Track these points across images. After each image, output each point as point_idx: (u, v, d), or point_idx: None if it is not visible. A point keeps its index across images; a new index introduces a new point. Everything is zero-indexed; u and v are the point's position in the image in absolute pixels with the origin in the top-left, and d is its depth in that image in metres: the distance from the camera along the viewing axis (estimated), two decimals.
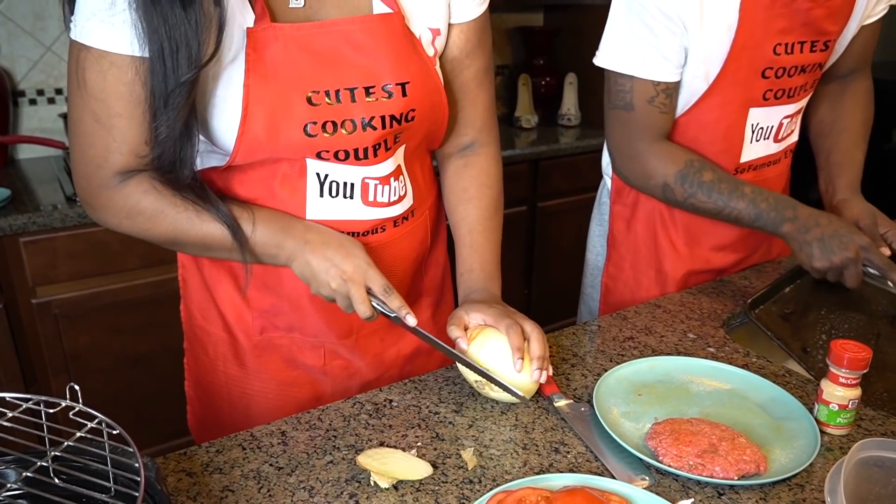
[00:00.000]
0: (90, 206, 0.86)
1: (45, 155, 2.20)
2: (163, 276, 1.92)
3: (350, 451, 0.81)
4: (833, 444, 0.84)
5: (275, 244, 0.86)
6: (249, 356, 1.01)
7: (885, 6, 1.23)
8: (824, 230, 1.07)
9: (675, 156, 1.14)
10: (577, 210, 2.60)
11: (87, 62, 0.75)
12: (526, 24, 3.04)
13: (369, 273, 0.85)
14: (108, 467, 0.60)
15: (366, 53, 0.83)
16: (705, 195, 1.13)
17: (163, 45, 0.73)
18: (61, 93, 2.21)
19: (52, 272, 1.80)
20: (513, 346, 0.87)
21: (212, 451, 0.81)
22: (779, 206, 1.10)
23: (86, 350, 1.90)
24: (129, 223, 0.85)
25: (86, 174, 0.83)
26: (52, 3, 2.12)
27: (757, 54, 1.10)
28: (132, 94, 0.77)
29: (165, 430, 1.94)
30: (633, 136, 1.15)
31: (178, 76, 0.74)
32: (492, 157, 1.06)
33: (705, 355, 1.03)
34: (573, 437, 0.84)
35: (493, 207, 1.04)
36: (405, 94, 0.86)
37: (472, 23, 0.95)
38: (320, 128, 0.83)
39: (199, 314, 1.03)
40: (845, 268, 1.06)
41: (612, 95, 1.15)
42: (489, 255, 1.02)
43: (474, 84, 1.00)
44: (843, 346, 0.83)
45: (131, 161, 0.81)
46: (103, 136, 0.79)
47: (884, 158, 3.29)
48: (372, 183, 0.90)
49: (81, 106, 0.78)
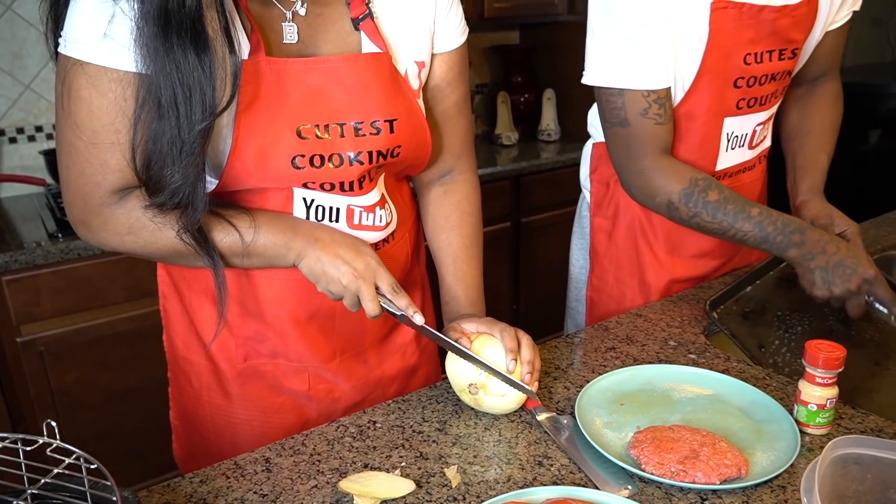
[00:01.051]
0: (87, 227, 0.84)
1: (27, 193, 2.20)
2: (147, 308, 1.92)
3: (334, 475, 0.81)
4: (814, 444, 0.85)
5: (283, 243, 0.86)
6: (233, 384, 1.01)
7: (847, 12, 1.26)
8: (829, 259, 1.05)
9: (680, 173, 1.13)
10: (560, 224, 2.61)
11: (82, 78, 0.74)
12: (502, 43, 3.08)
13: (379, 271, 0.87)
14: (87, 503, 0.60)
15: (355, 90, 0.86)
16: (710, 215, 1.11)
17: (175, 91, 0.72)
18: (41, 130, 2.22)
19: (36, 309, 1.79)
20: (506, 347, 0.89)
21: (195, 482, 0.81)
22: (786, 229, 1.08)
23: (73, 386, 1.89)
24: (131, 239, 0.84)
25: (83, 194, 0.81)
26: (31, 43, 2.13)
27: (728, 65, 1.12)
28: (130, 110, 0.76)
29: (156, 464, 1.92)
30: (633, 153, 1.14)
31: (191, 123, 0.73)
32: (471, 184, 1.08)
33: (686, 362, 1.04)
34: (556, 450, 0.84)
35: (475, 235, 1.07)
36: (392, 130, 0.89)
37: (453, 52, 0.98)
38: (308, 161, 0.85)
39: (181, 344, 1.03)
40: (846, 299, 1.05)
41: (607, 113, 1.15)
42: (472, 281, 1.05)
43: (455, 111, 1.02)
44: (817, 347, 0.85)
45: (130, 176, 0.80)
46: (100, 153, 0.78)
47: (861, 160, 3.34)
48: (357, 210, 0.92)
49: (77, 123, 0.77)
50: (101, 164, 0.79)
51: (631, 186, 1.19)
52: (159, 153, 0.75)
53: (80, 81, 0.75)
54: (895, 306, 1.05)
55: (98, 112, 0.76)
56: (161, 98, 0.72)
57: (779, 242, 1.08)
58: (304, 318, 0.96)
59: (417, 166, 1.00)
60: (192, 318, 1.00)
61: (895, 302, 1.05)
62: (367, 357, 1.05)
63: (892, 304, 1.05)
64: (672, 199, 1.13)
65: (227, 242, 0.85)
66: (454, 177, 1.08)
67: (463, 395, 0.92)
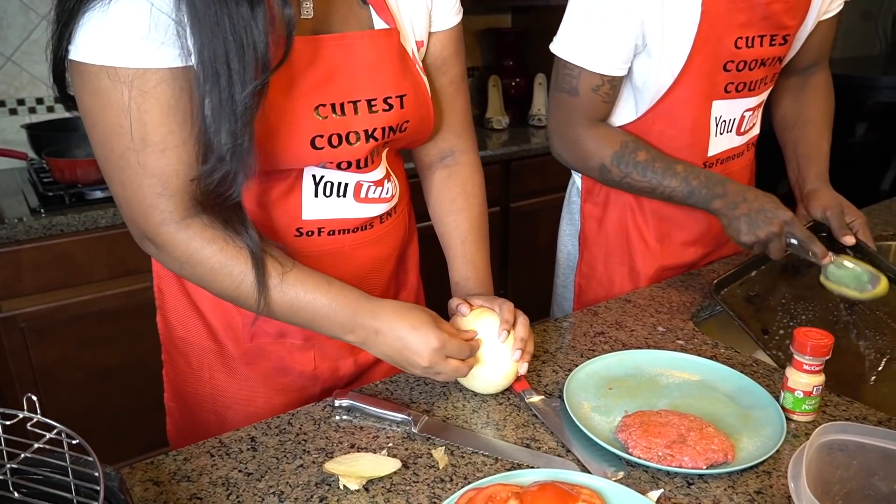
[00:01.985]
0: (152, 243, 0.80)
1: (9, 167, 2.15)
2: (131, 286, 1.89)
3: (321, 455, 0.80)
4: (799, 431, 0.85)
5: (346, 330, 0.84)
6: (239, 363, 0.99)
7: (840, 1, 1.26)
8: (751, 206, 1.10)
9: (611, 138, 1.18)
10: (549, 210, 2.60)
11: (119, 84, 0.70)
12: (494, 26, 3.05)
13: (448, 345, 0.84)
14: (70, 478, 0.58)
15: (368, 67, 0.85)
16: (640, 174, 1.16)
17: (227, 47, 0.67)
18: (23, 103, 2.17)
19: (17, 285, 1.76)
20: (502, 317, 0.91)
21: (179, 460, 0.80)
22: (709, 182, 1.14)
23: (55, 364, 1.86)
24: (190, 270, 0.80)
25: (142, 211, 0.77)
26: (11, 14, 2.08)
27: (719, 48, 1.12)
28: (182, 109, 0.72)
29: (139, 443, 1.91)
30: (573, 120, 1.18)
31: (244, 82, 0.69)
32: (473, 166, 1.09)
33: (675, 348, 1.04)
34: (544, 433, 0.84)
35: (481, 216, 1.08)
36: (402, 106, 0.89)
37: (449, 31, 0.99)
38: (326, 141, 0.84)
39: (178, 324, 1.00)
40: (770, 241, 1.10)
41: (560, 79, 1.17)
42: (481, 262, 1.06)
43: (452, 90, 1.03)
44: (805, 334, 0.85)
45: (189, 185, 0.76)
46: (157, 161, 0.73)
47: (848, 152, 3.36)
48: (366, 184, 0.92)
49: (122, 134, 0.72)
50: (159, 173, 0.74)
51: (564, 151, 1.23)
52: (210, 116, 0.71)
53: (118, 88, 0.70)
54: (812, 244, 1.09)
55: (146, 117, 0.72)
56: (213, 58, 0.68)
57: (703, 195, 1.14)
58: None
59: (418, 141, 1.01)
60: (194, 298, 0.98)
61: (812, 240, 1.09)
62: None
63: (809, 241, 1.09)
64: (605, 162, 1.18)
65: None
66: (456, 158, 1.08)
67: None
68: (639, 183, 1.17)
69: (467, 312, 0.94)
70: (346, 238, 0.94)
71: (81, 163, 1.84)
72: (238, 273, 0.79)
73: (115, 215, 1.80)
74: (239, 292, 0.80)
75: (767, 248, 1.11)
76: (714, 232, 1.32)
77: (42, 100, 2.19)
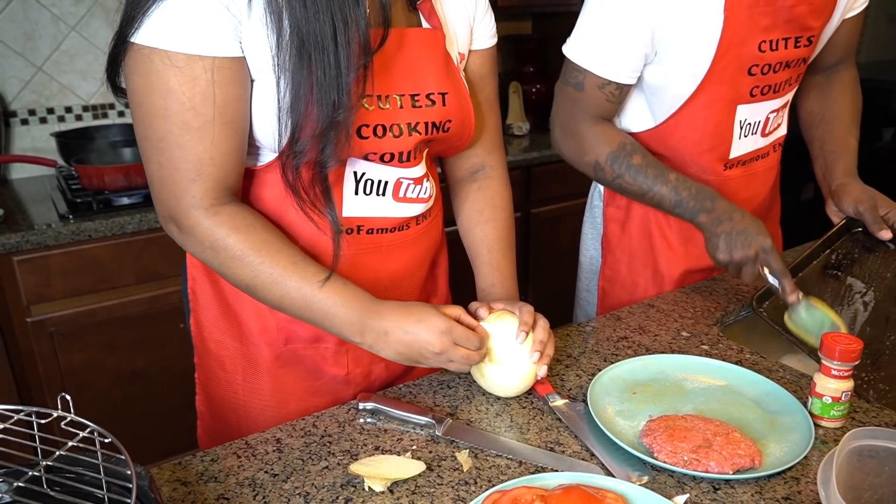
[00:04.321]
0: (178, 225, 0.83)
1: (38, 174, 2.20)
2: (158, 291, 1.91)
3: (345, 457, 0.81)
4: (828, 437, 0.84)
5: (355, 331, 0.85)
6: (272, 367, 1.00)
7: (864, 0, 1.24)
8: (734, 226, 1.09)
9: (611, 137, 1.18)
10: (571, 215, 2.60)
11: (179, 68, 0.74)
12: (515, 33, 3.05)
13: (455, 331, 0.85)
14: (101, 476, 0.59)
15: (412, 63, 0.88)
16: (631, 177, 1.17)
17: (336, 25, 0.72)
18: (53, 112, 2.21)
19: (46, 290, 1.79)
20: (522, 319, 0.92)
21: (206, 461, 0.81)
22: (699, 196, 1.13)
23: (82, 368, 1.89)
24: (212, 254, 0.83)
25: (175, 193, 0.80)
26: (43, 24, 2.12)
27: (743, 52, 1.11)
28: (231, 99, 0.76)
29: (163, 447, 1.93)
30: (577, 115, 1.19)
31: (349, 56, 0.74)
32: (503, 181, 1.12)
33: (699, 353, 1.03)
34: (568, 437, 0.84)
35: (508, 227, 1.10)
36: (445, 103, 0.92)
37: (485, 51, 1.04)
38: (371, 131, 0.86)
39: (212, 327, 1.01)
40: (743, 264, 1.09)
41: (567, 74, 1.18)
42: (507, 271, 1.07)
43: (485, 107, 1.07)
44: (834, 339, 0.84)
45: (222, 172, 0.80)
46: (195, 146, 0.77)
47: (874, 156, 3.31)
48: (405, 182, 0.93)
49: (168, 116, 0.76)
50: (197, 159, 0.78)
51: (563, 144, 1.24)
52: (312, 99, 0.75)
53: (170, 71, 0.74)
54: (784, 277, 1.06)
55: (189, 103, 0.75)
56: (313, 39, 0.73)
57: (691, 207, 1.14)
58: None
59: (459, 146, 1.03)
60: (230, 300, 0.98)
61: (785, 274, 1.06)
62: None
63: (781, 274, 1.06)
64: (599, 160, 1.19)
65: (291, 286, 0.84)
66: (486, 173, 1.11)
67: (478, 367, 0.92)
68: (629, 185, 1.18)
69: (486, 315, 0.94)
70: (383, 238, 0.95)
71: (109, 170, 1.88)
72: (258, 264, 0.82)
73: (141, 221, 1.83)
74: (257, 282, 0.83)
75: (740, 272, 1.10)
76: None
77: (71, 108, 2.24)
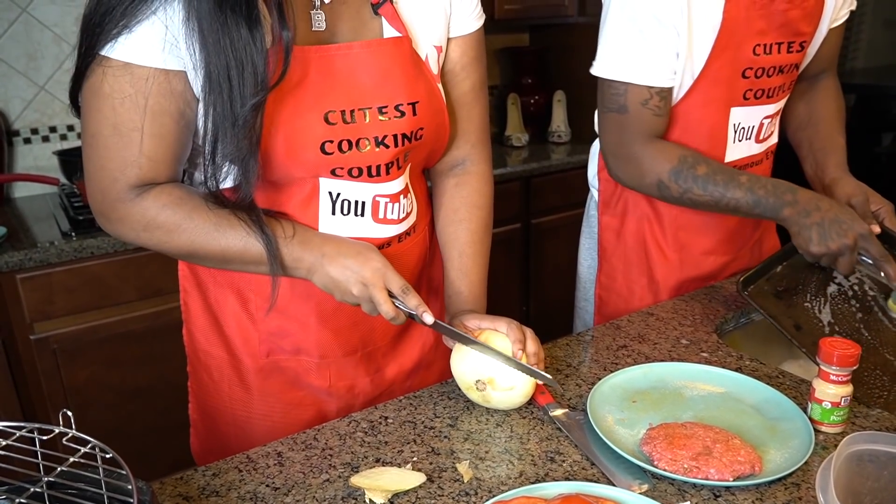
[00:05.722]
0: (106, 218, 0.87)
1: (41, 192, 2.21)
2: (160, 307, 1.92)
3: (346, 470, 0.81)
4: (828, 443, 0.84)
5: (294, 258, 0.87)
6: (255, 378, 1.01)
7: (847, 11, 1.29)
8: (825, 215, 1.06)
9: (668, 153, 1.15)
10: (570, 225, 2.60)
11: (115, 75, 0.77)
12: (513, 45, 3.08)
13: (388, 275, 0.87)
14: (103, 491, 0.60)
15: (378, 75, 0.88)
16: (700, 189, 1.13)
17: (229, 65, 0.75)
18: (55, 131, 2.23)
19: (49, 308, 1.80)
20: (513, 338, 0.90)
21: (208, 475, 0.81)
22: (777, 191, 1.10)
23: (85, 384, 1.90)
24: (146, 236, 0.86)
25: (101, 188, 0.84)
26: (45, 44, 2.15)
27: (738, 55, 1.12)
28: (162, 110, 0.79)
29: (167, 462, 1.92)
30: (627, 139, 1.16)
31: (244, 97, 0.76)
32: (483, 177, 1.08)
33: (699, 360, 1.03)
34: (569, 446, 0.84)
35: (483, 230, 1.06)
36: (415, 113, 0.91)
37: (468, 37, 0.99)
38: (336, 146, 0.86)
39: (202, 337, 1.03)
40: (841, 255, 1.05)
41: (606, 99, 1.16)
42: (476, 278, 1.04)
43: (470, 97, 1.03)
44: (831, 344, 0.84)
45: (147, 173, 0.82)
46: (122, 150, 0.80)
47: (874, 162, 3.32)
48: (382, 201, 0.93)
49: (100, 119, 0.79)
50: (122, 160, 0.81)
51: (619, 171, 1.20)
52: (212, 127, 0.78)
53: (112, 77, 0.77)
54: (886, 263, 1.04)
55: (119, 108, 0.78)
56: (213, 74, 0.75)
57: (771, 204, 1.09)
58: (330, 311, 0.97)
59: (437, 152, 1.01)
60: (215, 311, 1.01)
61: (887, 259, 1.04)
62: (387, 350, 1.05)
63: (883, 260, 1.04)
64: (662, 178, 1.14)
65: (247, 244, 0.86)
66: (467, 168, 1.07)
67: (470, 393, 0.92)
68: (700, 197, 1.13)
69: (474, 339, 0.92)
70: None
71: None
72: (193, 228, 0.84)
73: None
74: (196, 245, 0.85)
75: (836, 262, 1.07)
76: (732, 239, 1.31)
77: (73, 127, 2.26)
